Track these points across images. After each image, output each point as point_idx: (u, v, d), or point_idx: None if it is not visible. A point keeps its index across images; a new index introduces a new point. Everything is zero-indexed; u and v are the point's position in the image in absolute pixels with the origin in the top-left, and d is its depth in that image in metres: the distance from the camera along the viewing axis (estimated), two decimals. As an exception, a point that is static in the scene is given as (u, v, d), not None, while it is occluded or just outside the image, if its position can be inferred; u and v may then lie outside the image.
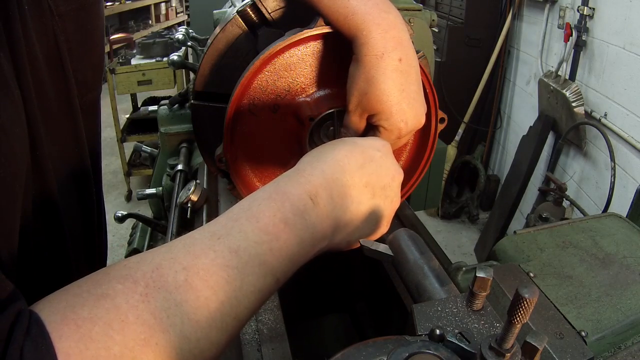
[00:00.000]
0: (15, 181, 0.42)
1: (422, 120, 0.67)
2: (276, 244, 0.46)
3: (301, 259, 0.49)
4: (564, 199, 2.46)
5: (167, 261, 0.40)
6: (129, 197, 4.27)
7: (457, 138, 3.79)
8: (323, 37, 0.70)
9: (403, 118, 0.63)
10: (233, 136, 0.75)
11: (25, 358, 0.32)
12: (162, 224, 1.51)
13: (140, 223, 1.64)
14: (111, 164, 4.75)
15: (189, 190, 1.06)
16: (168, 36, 4.62)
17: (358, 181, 0.56)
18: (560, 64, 2.85)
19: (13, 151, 0.41)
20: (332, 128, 0.77)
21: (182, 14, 8.62)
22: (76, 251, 0.64)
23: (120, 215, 1.48)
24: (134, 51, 4.56)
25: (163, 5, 7.97)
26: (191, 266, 0.40)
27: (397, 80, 0.62)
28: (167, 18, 8.10)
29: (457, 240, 3.68)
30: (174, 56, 1.43)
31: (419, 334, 0.52)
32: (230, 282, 0.41)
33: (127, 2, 6.69)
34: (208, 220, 1.03)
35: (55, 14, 0.56)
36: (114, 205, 4.15)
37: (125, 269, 0.39)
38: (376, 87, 0.61)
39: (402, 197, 0.88)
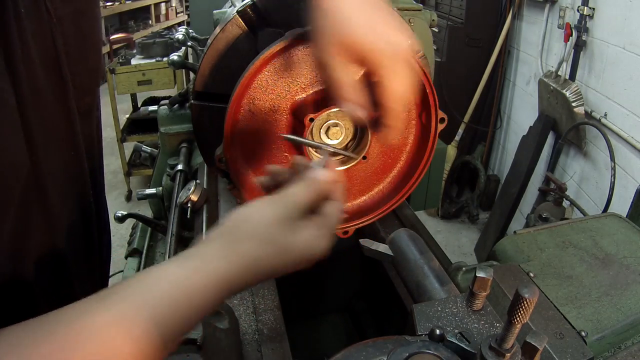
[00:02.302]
0: (9, 191, 0.42)
1: (409, 41, 0.58)
2: None
3: None
4: (564, 199, 2.46)
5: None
6: (129, 197, 4.27)
7: (457, 138, 3.78)
8: (323, 37, 0.70)
9: (384, 39, 0.56)
10: (233, 136, 0.75)
11: None
12: (162, 224, 1.51)
13: (140, 223, 1.64)
14: (111, 164, 4.74)
15: (189, 190, 1.06)
16: (168, 36, 4.61)
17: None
18: (560, 64, 2.84)
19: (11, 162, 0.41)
20: (332, 128, 0.77)
21: (182, 14, 8.61)
22: (76, 253, 0.64)
23: (120, 215, 1.48)
24: (134, 51, 4.55)
25: (163, 5, 7.96)
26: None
27: (358, 2, 0.56)
28: (167, 18, 8.09)
29: (457, 240, 3.68)
30: (174, 56, 1.43)
31: (419, 334, 0.52)
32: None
33: (127, 2, 6.68)
34: (208, 221, 1.04)
35: (53, 16, 0.55)
36: (114, 205, 4.15)
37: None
38: (341, 14, 0.55)
39: (402, 197, 0.88)
